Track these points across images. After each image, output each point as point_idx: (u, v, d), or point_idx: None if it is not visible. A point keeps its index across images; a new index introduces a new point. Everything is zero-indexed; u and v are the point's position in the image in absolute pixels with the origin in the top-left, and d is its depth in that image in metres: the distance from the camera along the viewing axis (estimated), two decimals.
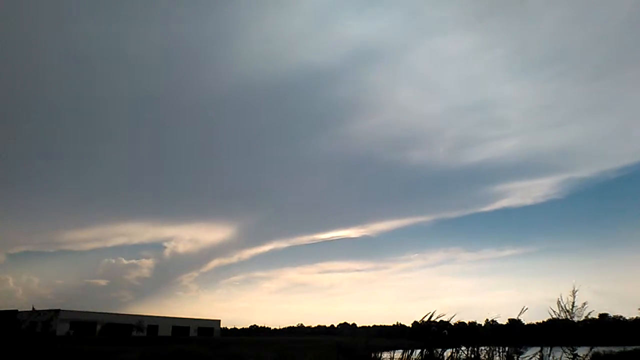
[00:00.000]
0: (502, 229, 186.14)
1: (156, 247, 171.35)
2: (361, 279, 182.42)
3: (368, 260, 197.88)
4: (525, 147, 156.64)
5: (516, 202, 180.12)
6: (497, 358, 8.17)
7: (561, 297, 7.90)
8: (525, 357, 8.00)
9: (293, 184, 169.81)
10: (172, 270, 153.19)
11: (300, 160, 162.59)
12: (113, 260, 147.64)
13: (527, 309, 8.37)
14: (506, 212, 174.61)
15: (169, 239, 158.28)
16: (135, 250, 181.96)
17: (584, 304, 7.74)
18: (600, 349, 22.81)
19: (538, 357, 7.85)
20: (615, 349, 22.77)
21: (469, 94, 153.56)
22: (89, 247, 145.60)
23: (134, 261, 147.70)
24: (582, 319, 7.76)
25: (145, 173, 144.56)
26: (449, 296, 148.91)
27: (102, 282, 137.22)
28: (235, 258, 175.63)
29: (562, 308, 7.88)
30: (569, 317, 7.77)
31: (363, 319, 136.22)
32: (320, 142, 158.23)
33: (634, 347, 19.59)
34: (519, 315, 8.53)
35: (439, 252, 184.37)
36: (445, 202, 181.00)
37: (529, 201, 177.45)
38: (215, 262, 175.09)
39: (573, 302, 7.82)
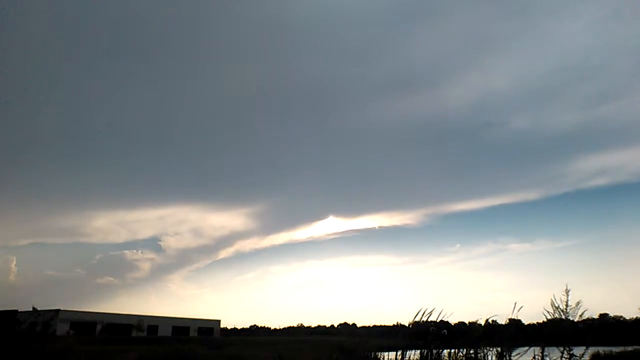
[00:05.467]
0: (581, 212, 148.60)
1: (153, 241, 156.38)
2: (391, 275, 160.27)
3: (407, 253, 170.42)
4: None
5: (609, 180, 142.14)
6: (491, 357, 8.18)
7: (554, 297, 7.88)
8: (516, 355, 7.99)
9: (330, 161, 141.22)
10: (168, 267, 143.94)
11: (336, 132, 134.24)
12: (110, 254, 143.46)
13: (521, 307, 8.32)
14: (594, 192, 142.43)
15: (166, 233, 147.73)
16: (132, 246, 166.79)
17: (578, 302, 7.72)
18: (601, 349, 22.92)
19: (532, 356, 7.84)
20: (616, 349, 22.83)
21: (630, 28, 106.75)
22: (83, 241, 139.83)
23: (130, 257, 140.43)
24: (576, 319, 7.73)
25: (143, 154, 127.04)
26: (480, 294, 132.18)
27: (103, 279, 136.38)
28: (239, 251, 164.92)
29: (556, 308, 7.85)
30: (563, 316, 7.74)
31: (365, 319, 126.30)
32: (379, 105, 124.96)
33: (634, 347, 19.64)
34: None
35: (488, 242, 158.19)
36: (524, 180, 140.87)
37: (622, 178, 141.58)
38: (214, 258, 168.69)
39: (567, 302, 7.79)
